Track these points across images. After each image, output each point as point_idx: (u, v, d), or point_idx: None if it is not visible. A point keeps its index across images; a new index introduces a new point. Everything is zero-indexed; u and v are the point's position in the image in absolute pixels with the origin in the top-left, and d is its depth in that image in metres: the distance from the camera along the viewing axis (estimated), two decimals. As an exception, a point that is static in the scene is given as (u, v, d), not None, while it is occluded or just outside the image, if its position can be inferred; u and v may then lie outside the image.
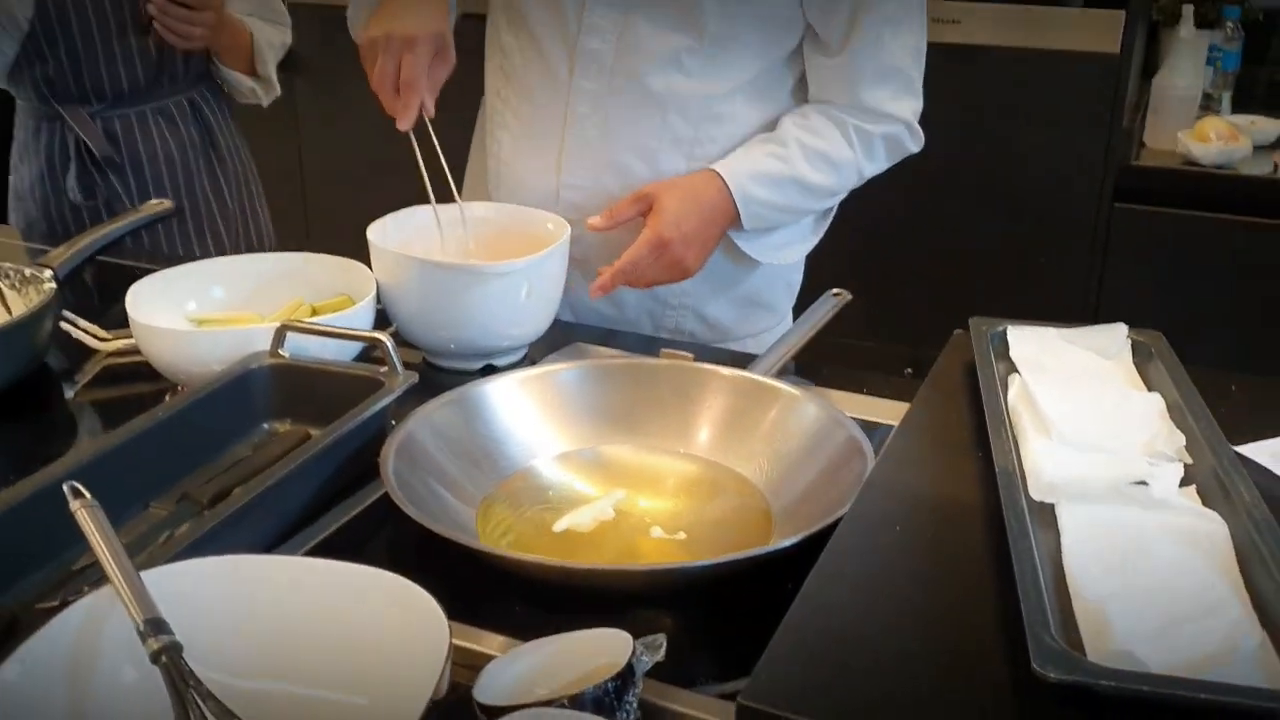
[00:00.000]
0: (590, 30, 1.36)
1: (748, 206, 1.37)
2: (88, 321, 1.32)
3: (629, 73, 1.37)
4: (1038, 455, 0.85)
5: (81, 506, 0.76)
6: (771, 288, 1.54)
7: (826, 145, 1.38)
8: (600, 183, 1.42)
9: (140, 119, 1.85)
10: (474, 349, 1.27)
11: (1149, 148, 2.50)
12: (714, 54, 1.35)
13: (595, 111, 1.39)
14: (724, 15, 1.33)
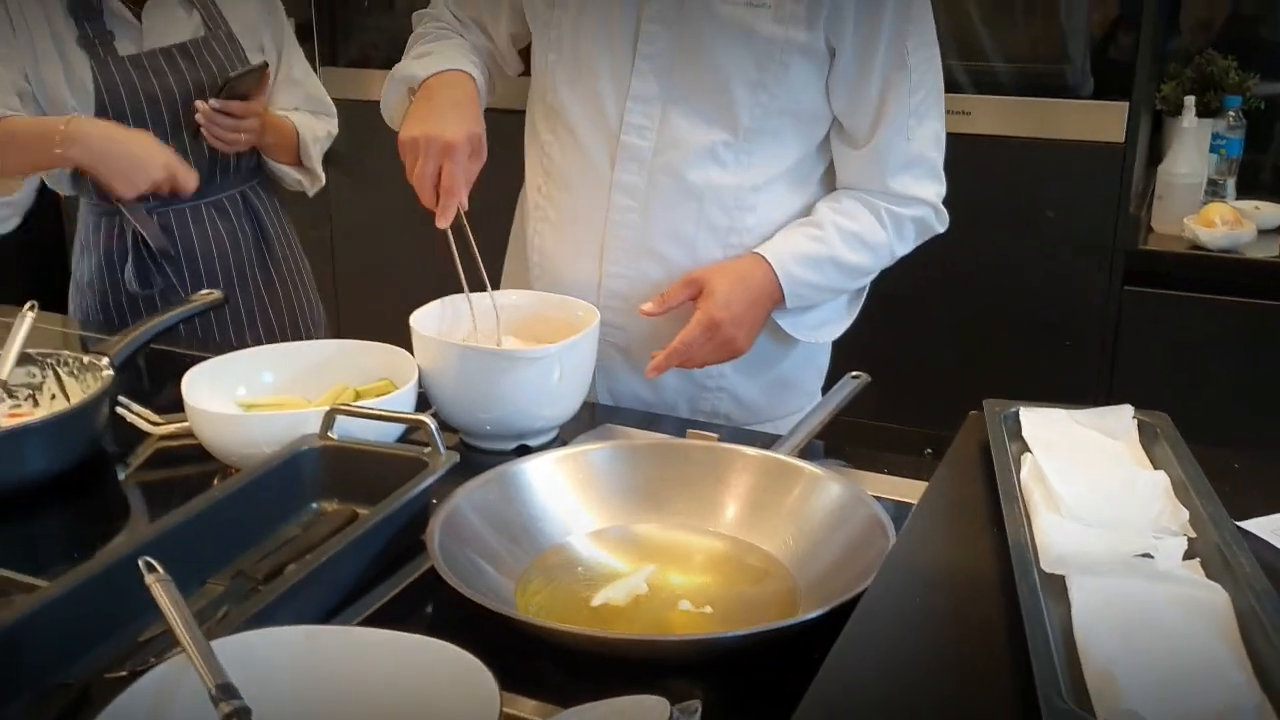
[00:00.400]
0: (630, 128, 1.44)
1: (793, 287, 1.44)
2: (141, 406, 1.39)
3: (667, 166, 1.44)
4: (1048, 530, 0.90)
5: (155, 580, 0.82)
6: (802, 370, 1.61)
7: (860, 227, 1.46)
8: (640, 270, 1.48)
9: (194, 213, 1.94)
10: (509, 430, 1.33)
11: (1156, 232, 2.57)
12: (748, 148, 1.44)
13: (635, 203, 1.46)
14: (757, 111, 1.41)
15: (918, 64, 1.42)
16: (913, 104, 1.42)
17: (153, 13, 1.88)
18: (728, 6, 1.37)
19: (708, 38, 1.39)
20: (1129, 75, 2.42)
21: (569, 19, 1.46)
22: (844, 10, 1.37)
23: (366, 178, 3.26)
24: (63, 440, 1.26)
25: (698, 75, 1.41)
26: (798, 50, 1.38)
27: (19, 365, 1.38)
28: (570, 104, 1.48)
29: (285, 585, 0.93)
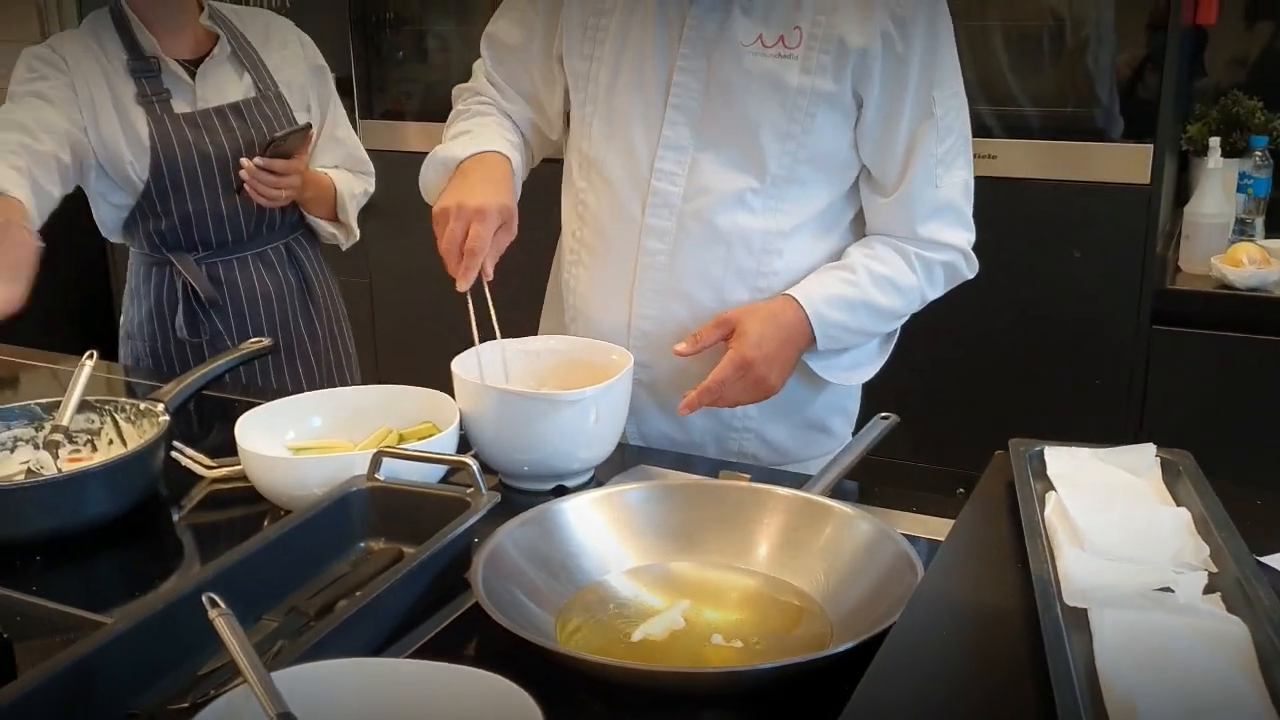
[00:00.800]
0: (661, 174, 1.49)
1: (824, 328, 1.47)
2: (194, 450, 1.44)
3: (696, 212, 1.49)
4: (1071, 564, 0.93)
5: (218, 615, 0.86)
6: (831, 414, 1.64)
7: (891, 271, 1.49)
8: (669, 312, 1.53)
9: (241, 264, 2.02)
10: (547, 471, 1.37)
11: (1184, 272, 2.59)
12: (776, 194, 1.48)
13: (665, 247, 1.51)
14: (784, 160, 1.46)
15: (945, 113, 1.45)
16: (940, 152, 1.46)
17: (206, 74, 1.97)
18: (756, 58, 1.42)
19: (737, 88, 1.44)
20: (1154, 117, 2.46)
21: (605, 72, 1.51)
22: (870, 61, 1.41)
23: (404, 228, 3.33)
24: (121, 484, 1.31)
25: (727, 124, 1.46)
26: (824, 100, 1.43)
27: (79, 412, 1.44)
28: (605, 152, 1.53)
29: (337, 620, 0.97)
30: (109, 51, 1.93)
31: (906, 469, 2.44)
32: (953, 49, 1.47)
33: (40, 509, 1.25)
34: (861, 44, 1.41)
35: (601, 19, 1.51)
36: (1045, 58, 2.56)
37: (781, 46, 1.42)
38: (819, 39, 1.42)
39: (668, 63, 1.47)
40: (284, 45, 2.07)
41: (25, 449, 1.43)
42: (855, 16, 1.41)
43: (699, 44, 1.45)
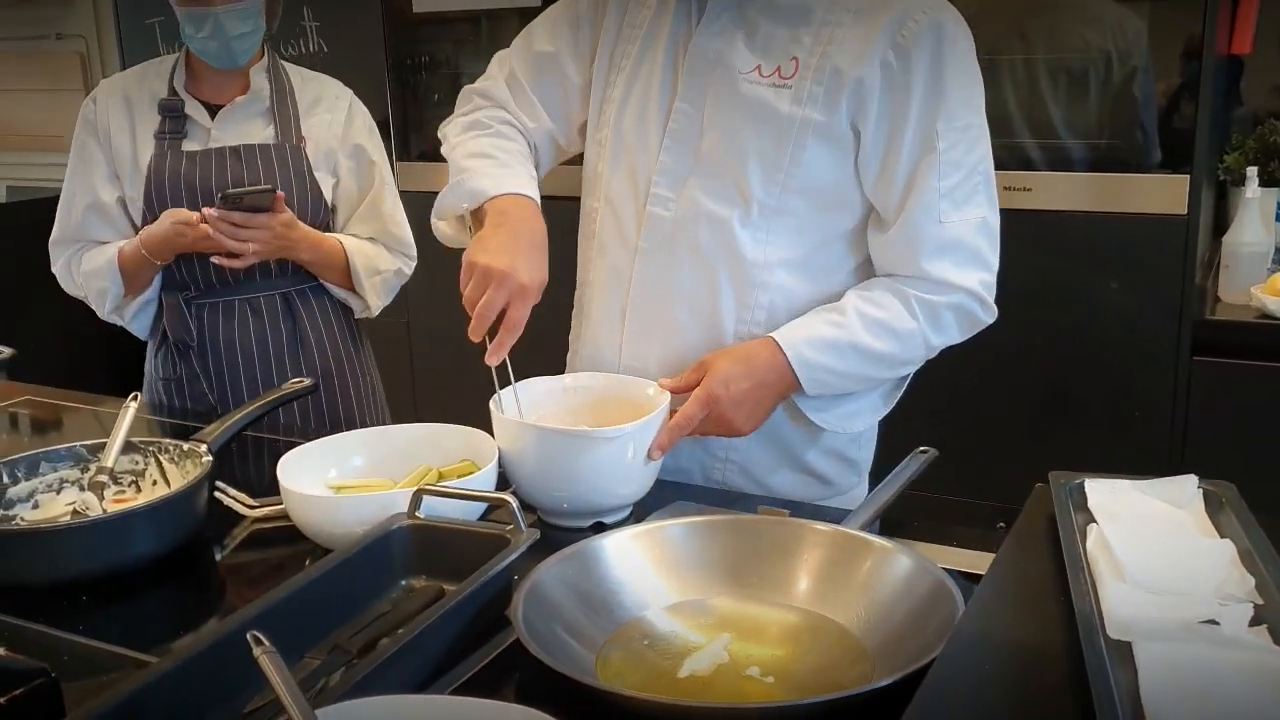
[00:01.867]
0: (655, 199, 1.51)
1: (807, 372, 1.44)
2: (236, 490, 1.46)
3: (688, 238, 1.50)
4: (1114, 597, 0.93)
5: (263, 653, 0.87)
6: (831, 461, 1.60)
7: (887, 315, 1.45)
8: (658, 337, 1.54)
9: (228, 308, 2.06)
10: (585, 508, 1.38)
11: (1224, 302, 2.57)
12: (765, 225, 1.47)
13: (656, 271, 1.53)
14: (772, 189, 1.45)
15: (950, 146, 1.41)
16: (944, 187, 1.42)
17: (228, 117, 2.04)
18: (751, 86, 1.44)
19: (730, 115, 1.45)
20: (1190, 147, 2.45)
21: (618, 95, 1.55)
22: (867, 92, 1.40)
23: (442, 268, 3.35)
24: (165, 524, 1.33)
25: (718, 150, 1.46)
26: (814, 131, 1.42)
27: (123, 453, 1.46)
28: (611, 176, 1.56)
29: (380, 658, 0.98)
30: (148, 86, 2.05)
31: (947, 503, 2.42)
32: (967, 82, 1.43)
33: (86, 550, 1.27)
34: (858, 74, 1.40)
35: (628, 45, 1.55)
36: (1080, 90, 2.56)
37: (777, 76, 1.43)
38: (813, 69, 1.42)
39: (670, 90, 1.49)
40: (330, 110, 2.11)
41: (71, 490, 1.45)
42: (855, 46, 1.40)
43: (698, 72, 1.47)
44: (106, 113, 2.04)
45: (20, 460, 1.45)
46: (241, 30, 1.97)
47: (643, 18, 1.54)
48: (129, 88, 2.06)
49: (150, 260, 1.97)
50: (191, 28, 1.96)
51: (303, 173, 2.05)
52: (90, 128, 2.05)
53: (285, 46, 3.54)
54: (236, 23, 1.95)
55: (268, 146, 2.04)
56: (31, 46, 4.84)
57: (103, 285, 2.02)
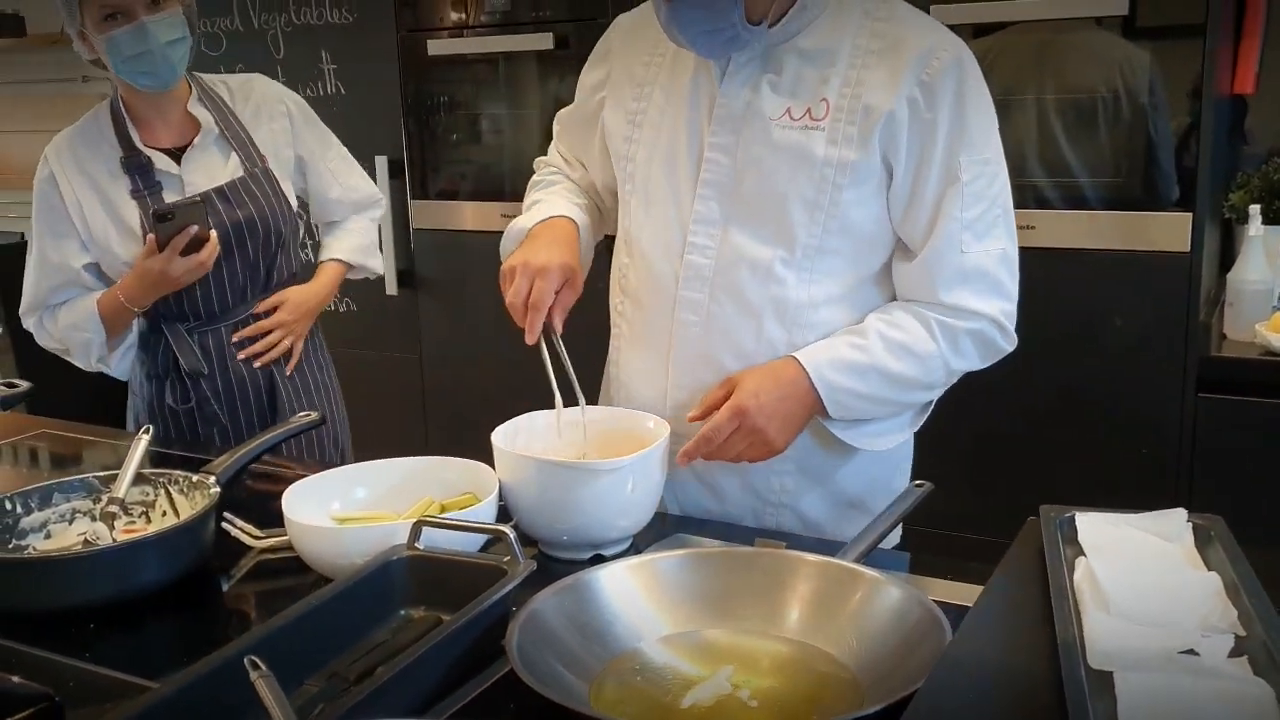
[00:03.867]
0: (694, 248, 1.53)
1: (830, 394, 1.47)
2: (243, 521, 1.49)
3: (728, 284, 1.52)
4: (1097, 628, 0.94)
5: (259, 677, 0.89)
6: (867, 487, 1.62)
7: (908, 337, 1.48)
8: (703, 383, 1.55)
9: (229, 331, 2.11)
10: (585, 540, 1.40)
11: (1229, 339, 2.58)
12: (808, 265, 1.50)
13: (699, 319, 1.54)
14: (814, 230, 1.48)
15: (972, 179, 1.45)
16: (966, 218, 1.46)
17: (191, 160, 2.06)
18: (784, 131, 1.47)
19: (765, 161, 1.48)
20: (1193, 185, 2.47)
21: (643, 152, 1.57)
22: (897, 129, 1.44)
23: (454, 303, 3.41)
24: (172, 553, 1.36)
25: (756, 197, 1.49)
26: (851, 170, 1.45)
27: (134, 484, 1.49)
28: (642, 228, 1.58)
29: (376, 684, 1.00)
30: (103, 150, 2.06)
31: (949, 540, 2.42)
32: (986, 119, 1.48)
33: (94, 578, 1.30)
34: (888, 110, 1.43)
35: (642, 103, 1.58)
36: (1083, 127, 2.58)
37: (809, 119, 1.46)
38: (845, 110, 1.45)
39: (699, 140, 1.52)
40: (272, 119, 2.15)
41: (83, 520, 1.48)
42: (882, 84, 1.44)
43: (728, 121, 1.50)
44: (69, 184, 2.05)
45: (34, 491, 1.48)
46: (172, 36, 1.95)
47: (652, 74, 1.58)
48: (80, 152, 2.06)
49: (129, 308, 2.02)
50: (124, 49, 1.94)
51: (278, 193, 2.11)
52: (53, 200, 2.06)
53: (303, 89, 3.60)
54: (166, 30, 1.94)
55: (243, 179, 2.07)
56: (59, 89, 4.93)
57: (85, 337, 2.06)
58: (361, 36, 3.50)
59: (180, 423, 2.11)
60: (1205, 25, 2.39)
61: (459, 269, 3.40)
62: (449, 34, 3.36)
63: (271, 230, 2.08)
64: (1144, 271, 2.52)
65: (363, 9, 3.49)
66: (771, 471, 1.57)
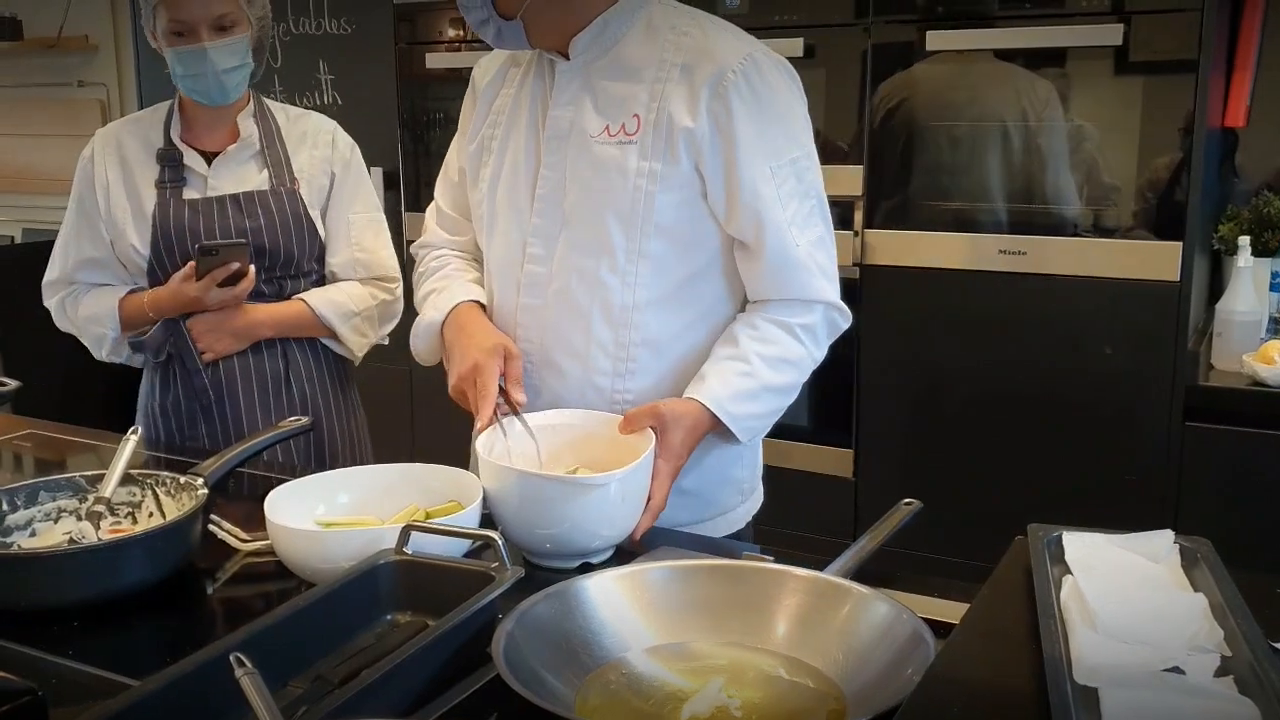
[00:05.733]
0: (531, 258, 1.64)
1: (738, 424, 1.57)
2: (231, 524, 1.48)
3: (561, 290, 1.63)
4: (1083, 645, 0.94)
5: (244, 674, 0.89)
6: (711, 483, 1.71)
7: (780, 350, 1.60)
8: (544, 381, 1.66)
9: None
10: (569, 550, 1.40)
11: (1217, 369, 2.59)
12: (631, 270, 1.60)
13: (536, 323, 1.64)
14: (633, 235, 1.58)
15: (783, 181, 1.57)
16: (789, 215, 1.57)
17: (222, 165, 2.08)
18: (602, 147, 1.57)
19: (587, 175, 1.59)
20: (1182, 216, 2.49)
21: (489, 175, 1.68)
22: (701, 141, 1.54)
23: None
24: (158, 553, 1.35)
25: (579, 209, 1.60)
26: (662, 180, 1.56)
27: (121, 485, 1.49)
28: (490, 247, 1.69)
29: (360, 686, 0.99)
30: (146, 138, 2.10)
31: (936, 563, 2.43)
32: (788, 119, 1.58)
33: (79, 576, 1.29)
34: (690, 124, 1.53)
35: (494, 129, 1.68)
36: (1077, 157, 2.61)
37: (623, 134, 1.57)
38: (653, 124, 1.56)
39: (535, 160, 1.63)
40: (315, 146, 2.15)
41: (69, 520, 1.47)
42: (684, 99, 1.54)
43: (554, 140, 1.61)
44: (104, 165, 2.10)
45: (20, 489, 1.47)
46: (230, 64, 1.99)
47: (503, 103, 1.68)
48: (124, 139, 2.11)
49: (151, 317, 2.05)
50: (181, 67, 1.99)
51: (299, 215, 2.09)
52: (88, 179, 2.11)
53: (300, 98, 3.61)
54: (226, 57, 1.98)
55: (264, 193, 2.08)
56: (55, 93, 4.94)
57: (101, 331, 2.09)
58: (360, 48, 3.52)
59: (182, 418, 2.11)
60: (1198, 59, 2.43)
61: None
62: (447, 48, 3.38)
63: (281, 248, 2.07)
64: (1133, 300, 2.54)
65: (362, 20, 3.51)
66: None
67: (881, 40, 2.73)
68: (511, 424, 1.54)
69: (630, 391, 1.63)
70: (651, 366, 1.63)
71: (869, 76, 2.75)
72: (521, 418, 1.54)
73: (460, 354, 1.62)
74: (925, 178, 2.74)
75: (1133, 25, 2.48)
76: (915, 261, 2.76)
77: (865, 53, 2.75)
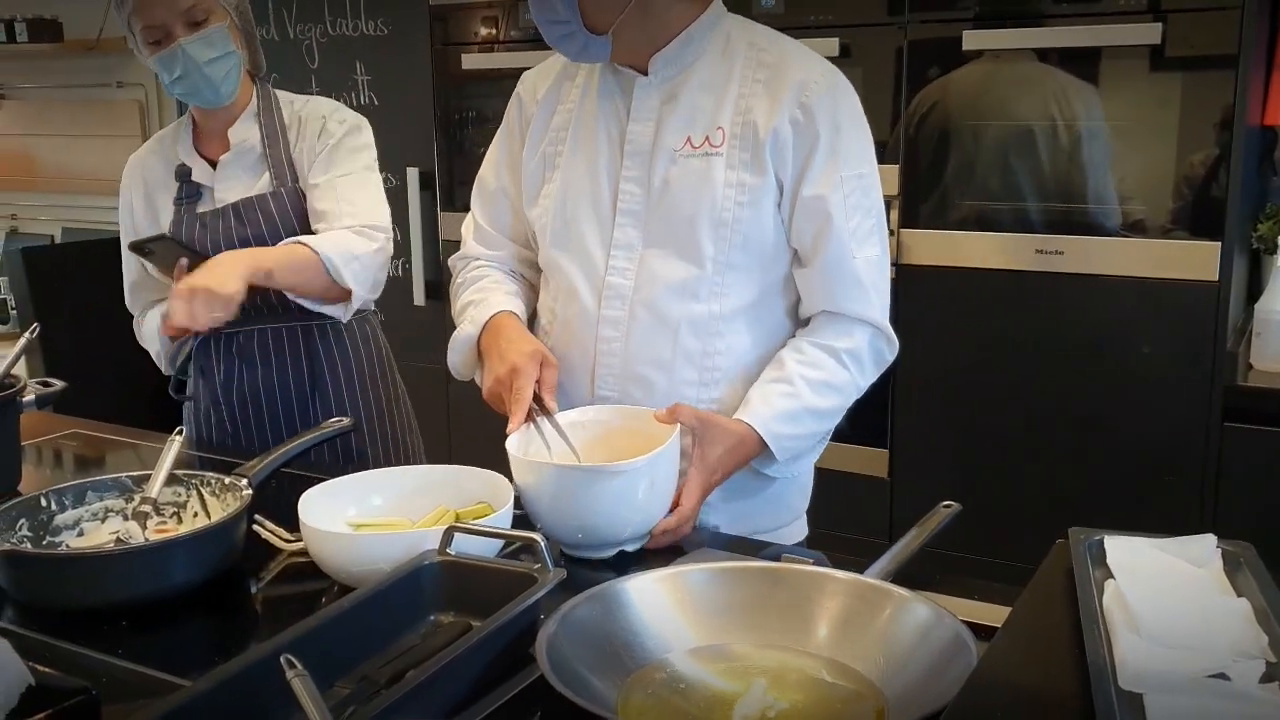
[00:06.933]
0: (614, 270, 1.65)
1: (778, 443, 1.59)
2: (274, 524, 1.50)
3: (646, 301, 1.64)
4: (1127, 650, 0.94)
5: (295, 675, 0.90)
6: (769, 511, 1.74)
7: (826, 375, 1.62)
8: (626, 393, 1.67)
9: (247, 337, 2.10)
10: (601, 540, 1.44)
11: (1256, 369, 2.57)
12: (718, 281, 1.62)
13: (619, 334, 1.66)
14: (722, 246, 1.60)
15: (851, 192, 1.60)
16: (851, 227, 1.60)
17: (223, 174, 2.07)
18: (686, 159, 1.61)
19: (672, 188, 1.61)
20: (1222, 215, 2.47)
21: (559, 189, 1.69)
22: (782, 145, 1.58)
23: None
24: (204, 554, 1.37)
25: (668, 221, 1.62)
26: (749, 190, 1.59)
27: (167, 485, 1.51)
28: (560, 258, 1.69)
29: (406, 688, 1.00)
30: (169, 154, 2.11)
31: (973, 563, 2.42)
32: (861, 137, 1.62)
33: (127, 576, 1.32)
34: (773, 131, 1.57)
35: (557, 147, 1.70)
36: (1115, 156, 2.59)
37: (708, 145, 1.60)
38: (739, 136, 1.59)
39: (613, 175, 1.65)
40: (306, 137, 2.10)
41: (115, 520, 1.50)
42: (768, 108, 1.58)
43: (636, 155, 1.64)
44: (130, 192, 2.13)
45: (68, 489, 1.50)
46: (208, 56, 1.95)
47: (564, 119, 1.70)
48: (149, 160, 2.12)
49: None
50: (166, 73, 1.96)
51: (301, 213, 2.06)
52: (125, 206, 2.15)
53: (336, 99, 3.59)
54: (202, 49, 1.94)
55: (264, 197, 2.05)
56: (93, 94, 4.99)
57: (156, 349, 2.12)
58: (396, 49, 3.54)
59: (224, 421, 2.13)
60: (1238, 56, 2.40)
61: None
62: (481, 48, 3.39)
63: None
64: (1172, 300, 2.53)
65: (398, 22, 3.53)
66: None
67: (917, 39, 2.73)
68: (544, 425, 1.55)
69: (715, 401, 1.65)
70: (734, 375, 1.65)
71: (904, 76, 2.75)
72: (554, 420, 1.56)
73: (498, 357, 1.63)
74: (961, 177, 2.72)
75: (1170, 24, 2.45)
76: (951, 261, 2.75)
77: (900, 51, 2.75)
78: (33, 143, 5.24)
